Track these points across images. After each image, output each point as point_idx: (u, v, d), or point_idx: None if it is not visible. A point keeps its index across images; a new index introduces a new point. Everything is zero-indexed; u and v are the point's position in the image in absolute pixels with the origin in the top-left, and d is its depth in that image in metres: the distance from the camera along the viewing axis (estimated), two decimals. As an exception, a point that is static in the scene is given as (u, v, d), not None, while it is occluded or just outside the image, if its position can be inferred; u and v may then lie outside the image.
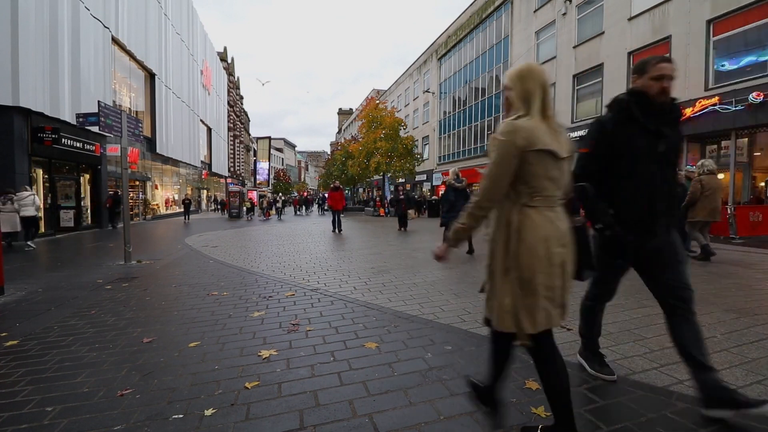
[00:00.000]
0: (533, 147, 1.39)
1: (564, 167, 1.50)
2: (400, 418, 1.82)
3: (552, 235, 1.43)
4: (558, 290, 1.46)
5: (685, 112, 11.44)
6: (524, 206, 1.44)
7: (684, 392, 2.01)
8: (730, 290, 4.13)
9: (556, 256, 1.43)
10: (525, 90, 1.47)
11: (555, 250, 1.43)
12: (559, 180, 1.48)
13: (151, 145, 19.28)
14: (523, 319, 1.44)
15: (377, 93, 45.01)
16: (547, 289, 1.43)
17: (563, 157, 1.46)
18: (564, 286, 1.49)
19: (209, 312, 3.62)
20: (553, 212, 1.47)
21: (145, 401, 2.02)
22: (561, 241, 1.46)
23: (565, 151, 1.48)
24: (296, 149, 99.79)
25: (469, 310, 3.53)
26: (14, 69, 10.01)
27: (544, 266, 1.42)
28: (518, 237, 1.43)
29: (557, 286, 1.46)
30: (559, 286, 1.46)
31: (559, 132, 1.50)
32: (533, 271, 1.42)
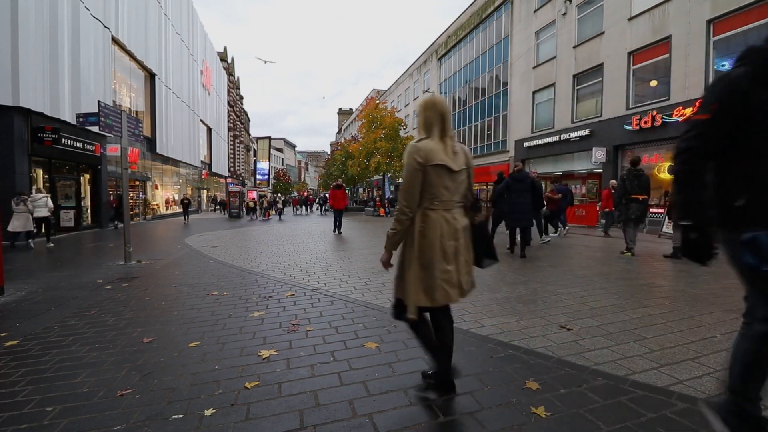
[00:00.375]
0: (430, 162, 1.77)
1: (459, 178, 1.87)
2: (400, 418, 1.82)
3: (446, 232, 1.82)
4: (453, 274, 1.85)
5: (685, 113, 11.45)
6: (426, 209, 1.82)
7: (684, 392, 2.01)
8: (730, 290, 4.13)
9: (450, 248, 1.83)
10: (427, 118, 1.85)
11: (448, 243, 1.83)
12: (455, 188, 1.86)
13: (151, 145, 19.28)
14: (424, 296, 1.81)
15: (377, 93, 45.01)
16: (443, 272, 1.81)
17: (457, 170, 1.84)
18: (458, 271, 1.87)
19: (209, 312, 3.62)
20: (449, 213, 1.85)
21: (145, 401, 2.02)
22: (454, 236, 1.85)
23: (458, 166, 1.85)
24: (296, 149, 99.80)
25: (469, 310, 3.53)
26: (14, 69, 10.01)
27: (439, 256, 1.81)
28: (421, 233, 1.81)
29: (452, 271, 1.84)
30: (453, 271, 1.84)
31: (456, 150, 1.87)
32: (431, 260, 1.81)
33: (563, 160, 17.45)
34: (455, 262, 1.86)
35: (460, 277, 1.88)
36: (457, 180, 1.87)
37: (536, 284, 4.51)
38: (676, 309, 3.46)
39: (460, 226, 1.89)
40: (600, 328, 2.98)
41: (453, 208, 1.88)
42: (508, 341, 2.74)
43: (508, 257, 6.53)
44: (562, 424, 1.75)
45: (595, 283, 4.55)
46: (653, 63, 13.00)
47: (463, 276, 1.90)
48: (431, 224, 1.81)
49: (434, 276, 1.81)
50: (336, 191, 12.19)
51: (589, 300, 3.80)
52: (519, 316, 3.33)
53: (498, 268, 5.54)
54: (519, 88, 20.20)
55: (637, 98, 13.66)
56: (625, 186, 6.65)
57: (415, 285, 1.82)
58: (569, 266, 5.70)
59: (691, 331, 2.89)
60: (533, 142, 18.65)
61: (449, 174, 1.82)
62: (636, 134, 13.23)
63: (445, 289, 1.83)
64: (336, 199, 11.96)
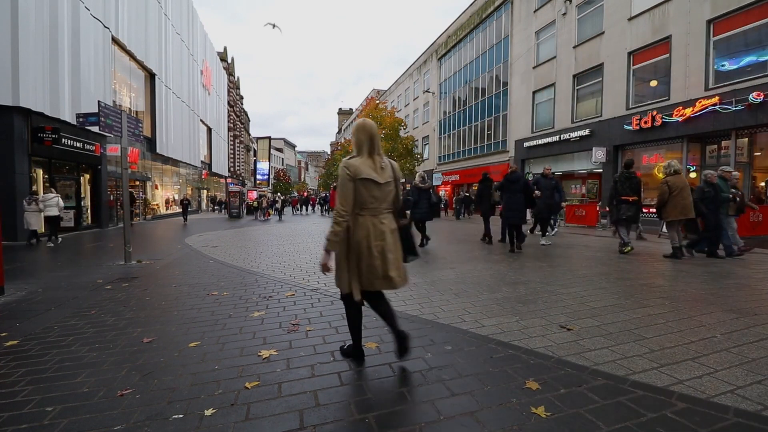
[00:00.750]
0: (358, 176, 2.15)
1: (386, 189, 2.24)
2: (400, 418, 1.82)
3: (372, 233, 2.19)
4: (379, 268, 2.19)
5: (685, 113, 11.45)
6: (357, 215, 2.19)
7: (684, 392, 2.01)
8: (730, 290, 4.13)
9: (376, 247, 2.19)
10: (358, 139, 2.24)
11: (374, 243, 2.18)
12: (382, 197, 2.23)
13: (151, 145, 19.27)
14: (354, 284, 2.21)
15: (377, 93, 45.01)
16: (368, 266, 2.19)
17: (383, 182, 2.21)
18: (385, 265, 2.20)
19: (209, 312, 3.62)
20: (376, 218, 2.21)
21: (145, 401, 2.02)
22: (380, 237, 2.20)
23: (384, 179, 2.22)
24: (296, 149, 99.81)
25: (469, 310, 3.53)
26: (14, 69, 10.01)
27: (366, 253, 2.18)
28: (352, 234, 2.19)
29: (377, 265, 2.19)
30: (379, 265, 2.19)
31: (384, 166, 2.26)
32: (359, 256, 2.19)
33: (563, 160, 17.45)
34: (381, 258, 2.21)
35: (387, 271, 2.22)
36: (384, 190, 2.24)
37: (536, 284, 4.51)
38: (676, 309, 3.46)
39: (387, 229, 2.25)
40: (600, 328, 2.98)
41: (381, 213, 2.24)
42: (508, 341, 2.74)
43: (508, 257, 6.53)
44: (562, 424, 1.75)
45: (595, 283, 4.55)
46: (653, 63, 13.00)
47: (392, 270, 2.23)
48: (359, 227, 2.19)
49: (362, 269, 2.20)
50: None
51: (589, 300, 3.80)
52: (519, 316, 3.33)
53: (498, 268, 5.54)
54: (519, 88, 20.20)
55: (637, 98, 13.66)
56: (616, 187, 6.90)
57: (347, 275, 2.22)
58: (569, 266, 5.70)
59: (691, 331, 2.89)
60: (533, 142, 18.65)
61: (377, 186, 2.19)
62: (636, 134, 13.24)
63: (371, 280, 2.21)
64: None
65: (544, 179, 8.31)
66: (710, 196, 6.29)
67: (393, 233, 2.28)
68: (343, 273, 2.24)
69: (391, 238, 2.26)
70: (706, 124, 11.02)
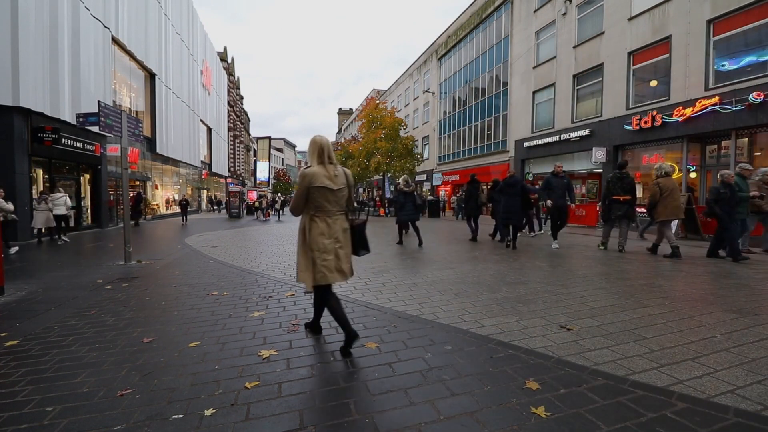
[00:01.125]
0: (313, 184, 2.49)
1: (339, 194, 2.57)
2: (400, 418, 1.82)
3: (325, 233, 2.53)
4: (332, 262, 2.54)
5: (685, 112, 11.45)
6: (312, 216, 2.55)
7: (684, 392, 2.01)
8: (730, 290, 4.13)
9: (329, 245, 2.54)
10: (312, 152, 2.59)
11: (326, 241, 2.53)
12: (335, 201, 2.56)
13: (151, 145, 19.27)
14: (309, 277, 2.53)
15: (377, 93, 45.00)
16: (323, 261, 2.51)
17: (336, 188, 2.54)
18: (338, 260, 2.57)
19: (209, 312, 3.62)
20: (330, 219, 2.55)
21: (145, 401, 2.02)
22: (333, 236, 2.56)
23: (337, 185, 2.55)
24: (296, 149, 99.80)
25: (469, 310, 3.53)
26: (14, 69, 10.00)
27: (320, 250, 2.52)
28: (308, 233, 2.55)
29: (330, 260, 2.53)
30: (332, 260, 2.54)
31: (337, 174, 2.57)
32: (314, 252, 2.52)
33: (563, 160, 17.42)
34: (334, 254, 2.55)
35: (340, 265, 2.59)
36: (338, 195, 2.57)
37: (536, 284, 4.50)
38: (676, 309, 3.46)
39: (340, 228, 2.60)
40: (600, 328, 2.98)
41: (334, 215, 2.58)
42: (508, 341, 2.74)
43: (508, 258, 6.53)
44: (562, 424, 1.75)
45: (595, 283, 4.55)
46: (653, 63, 13.00)
47: (344, 264, 2.62)
48: (314, 227, 2.54)
49: (316, 263, 2.52)
50: None
51: (589, 300, 3.80)
52: (519, 316, 3.33)
53: (498, 268, 5.54)
54: (519, 88, 20.20)
55: (637, 98, 13.66)
56: (608, 187, 7.17)
57: (303, 269, 2.57)
58: (569, 266, 5.70)
59: (691, 331, 2.89)
60: (533, 142, 18.65)
61: (330, 192, 2.53)
62: (636, 134, 13.23)
63: (324, 273, 2.52)
64: None
65: (555, 178, 7.62)
66: (726, 197, 6.07)
67: (345, 232, 2.66)
68: (300, 268, 2.59)
69: (343, 236, 2.64)
70: (706, 124, 11.02)
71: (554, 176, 7.66)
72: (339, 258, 2.57)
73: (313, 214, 2.55)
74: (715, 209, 6.14)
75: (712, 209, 6.20)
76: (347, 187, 2.65)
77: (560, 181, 7.58)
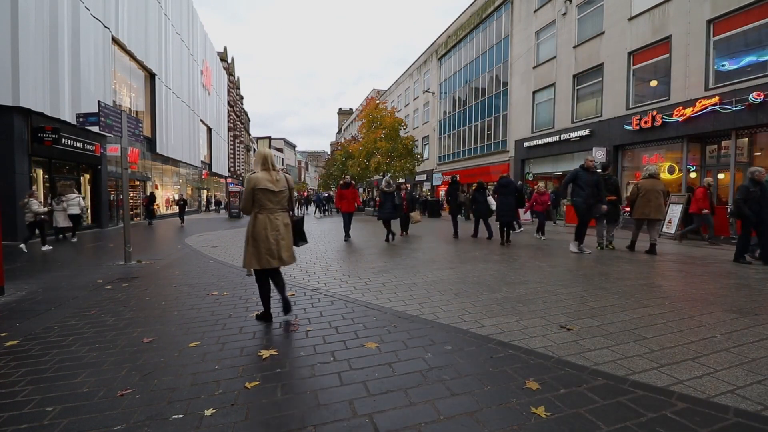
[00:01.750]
0: (257, 187, 3.03)
1: (280, 195, 3.14)
2: (400, 418, 1.82)
3: (267, 226, 3.06)
4: (274, 251, 3.08)
5: (685, 112, 11.44)
6: (256, 213, 3.09)
7: (684, 392, 2.01)
8: (730, 290, 4.13)
9: (271, 236, 3.07)
10: (257, 160, 3.15)
11: (269, 233, 3.06)
12: (277, 201, 3.13)
13: (151, 145, 19.27)
14: (254, 263, 3.08)
15: (377, 93, 44.99)
16: (266, 250, 3.06)
17: (277, 190, 3.09)
18: (278, 250, 3.10)
19: (209, 312, 3.62)
20: (272, 215, 3.10)
21: (145, 401, 2.02)
22: (275, 229, 3.09)
23: (278, 188, 3.10)
24: (296, 149, 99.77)
25: (469, 310, 3.53)
26: (14, 69, 10.01)
27: (263, 240, 3.06)
28: (252, 226, 3.08)
29: (273, 249, 3.08)
30: (274, 249, 3.08)
31: (279, 178, 3.12)
32: (258, 242, 3.06)
33: (563, 160, 17.44)
34: (276, 244, 3.09)
35: (280, 253, 3.11)
36: (279, 196, 3.13)
37: (536, 284, 4.50)
38: (676, 309, 3.46)
39: (281, 223, 3.14)
40: (600, 328, 2.98)
41: (276, 212, 3.13)
42: (508, 341, 2.74)
43: (508, 257, 6.53)
44: (562, 424, 1.75)
45: (595, 283, 4.55)
46: (653, 63, 12.99)
47: (284, 253, 3.14)
48: (259, 222, 3.08)
49: (260, 251, 3.06)
50: (344, 190, 9.95)
51: (589, 300, 3.80)
52: (519, 316, 3.33)
53: (498, 268, 5.54)
54: (519, 88, 20.20)
55: (637, 98, 13.66)
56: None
57: (249, 256, 3.09)
58: (569, 266, 5.70)
59: (691, 331, 2.89)
60: (533, 142, 18.64)
61: (272, 193, 3.08)
62: (636, 134, 13.23)
63: (267, 259, 3.07)
64: (344, 199, 9.81)
65: (586, 173, 6.66)
66: (756, 196, 5.67)
67: (286, 226, 3.19)
68: (246, 255, 3.10)
69: (284, 229, 3.16)
70: (706, 124, 11.01)
71: (584, 170, 6.65)
72: (279, 247, 3.10)
73: (257, 212, 3.09)
74: (744, 210, 5.71)
75: (740, 209, 5.75)
76: (288, 189, 3.20)
77: (591, 178, 6.58)
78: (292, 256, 3.25)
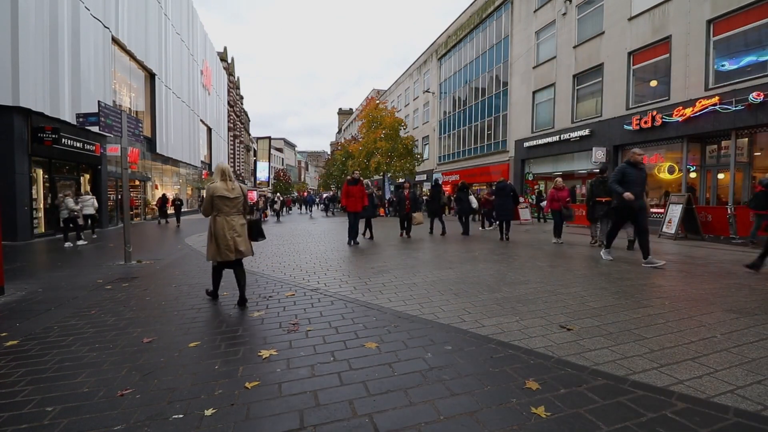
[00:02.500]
0: (215, 194, 3.66)
1: (235, 201, 3.75)
2: (400, 418, 1.82)
3: (225, 226, 3.68)
4: (231, 246, 3.69)
5: (685, 112, 11.45)
6: (215, 216, 3.72)
7: (684, 392, 2.01)
8: (730, 290, 4.13)
9: (228, 235, 3.68)
10: (217, 173, 3.79)
11: (226, 232, 3.68)
12: (233, 206, 3.75)
13: (151, 145, 19.27)
14: (216, 256, 3.73)
15: (377, 93, 44.98)
16: (225, 246, 3.68)
17: (233, 197, 3.72)
18: (235, 245, 3.72)
19: (209, 312, 3.62)
20: (229, 218, 3.72)
21: (145, 401, 2.02)
22: (232, 228, 3.71)
23: (234, 195, 3.73)
24: (296, 149, 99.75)
25: (469, 310, 3.53)
26: (14, 69, 10.01)
27: (222, 238, 3.68)
28: (213, 227, 3.72)
29: (230, 245, 3.69)
30: (231, 245, 3.69)
31: (234, 187, 3.77)
32: (218, 239, 3.69)
33: (563, 160, 17.45)
34: (233, 241, 3.72)
35: (237, 247, 3.74)
36: (234, 202, 3.76)
37: (536, 284, 4.50)
38: (676, 309, 3.46)
39: (237, 224, 3.78)
40: (600, 328, 2.98)
41: (231, 215, 3.76)
42: (508, 341, 2.74)
43: (508, 257, 6.53)
44: (562, 424, 1.75)
45: (595, 283, 4.55)
46: (653, 63, 13.00)
47: (241, 246, 3.77)
48: (218, 223, 3.72)
49: (221, 247, 3.71)
50: (352, 187, 8.72)
51: (589, 300, 3.80)
52: (519, 316, 3.33)
53: (498, 268, 5.54)
54: (519, 88, 20.20)
55: (637, 98, 13.66)
56: (592, 190, 7.74)
57: (211, 250, 3.76)
58: (569, 266, 5.70)
59: (691, 331, 2.89)
60: (533, 142, 18.64)
61: (228, 199, 3.72)
62: (636, 134, 13.23)
63: (226, 252, 3.71)
64: (351, 197, 8.66)
65: (633, 169, 5.78)
66: None
67: (242, 226, 3.84)
68: (209, 250, 3.78)
69: (240, 228, 3.80)
70: (706, 124, 11.02)
71: (631, 166, 5.87)
72: (236, 243, 3.73)
73: (216, 215, 3.73)
74: None
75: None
76: (242, 196, 3.85)
77: (639, 174, 5.84)
78: (249, 249, 3.88)
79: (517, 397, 1.97)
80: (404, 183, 11.59)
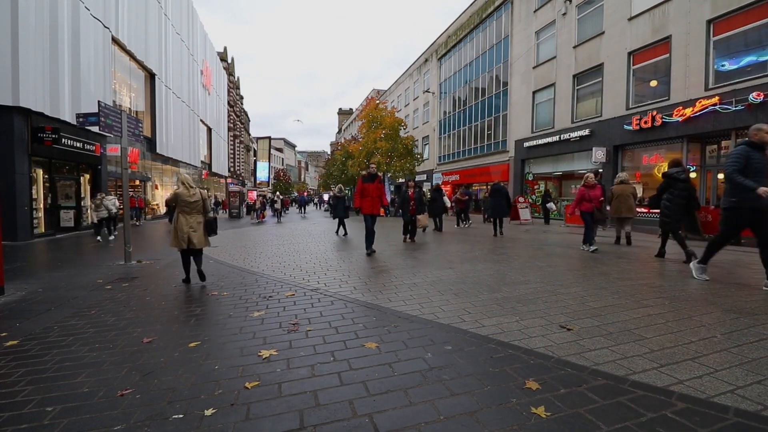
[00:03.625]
0: (179, 198, 4.80)
1: (196, 204, 4.85)
2: (400, 418, 1.82)
3: (184, 223, 4.78)
4: (185, 237, 4.74)
5: (685, 112, 11.45)
6: (179, 213, 4.81)
7: (684, 392, 2.01)
8: (730, 290, 4.13)
9: (184, 228, 4.76)
10: (180, 182, 4.94)
11: (184, 227, 4.77)
12: (193, 207, 4.83)
13: (151, 145, 19.27)
14: (175, 244, 4.81)
15: (377, 93, 44.98)
16: (180, 237, 4.75)
17: (193, 201, 4.83)
18: (189, 237, 4.75)
19: (209, 312, 3.62)
20: (189, 216, 4.82)
21: (145, 401, 2.02)
22: (189, 225, 4.79)
23: (194, 199, 4.84)
24: (296, 149, 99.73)
25: (469, 310, 3.53)
26: (14, 69, 10.01)
27: (180, 230, 4.76)
28: (176, 222, 4.81)
29: (185, 237, 4.74)
30: (185, 237, 4.75)
31: (194, 193, 4.89)
32: (177, 231, 4.78)
33: (563, 160, 17.45)
34: (188, 234, 4.72)
35: (191, 239, 4.72)
36: (195, 204, 4.81)
37: (536, 284, 4.51)
38: (676, 309, 3.46)
39: (195, 221, 4.80)
40: (600, 328, 2.98)
41: (191, 214, 4.79)
42: (508, 341, 2.74)
43: (508, 257, 6.54)
44: (562, 424, 1.75)
45: (595, 283, 4.55)
46: (653, 63, 13.00)
47: (194, 239, 4.75)
48: (179, 219, 4.75)
49: (179, 237, 4.71)
50: (368, 184, 7.17)
51: (589, 300, 3.80)
52: (519, 316, 3.33)
53: (498, 268, 5.54)
54: (519, 88, 20.20)
55: (637, 98, 13.66)
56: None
57: (174, 239, 4.78)
58: (569, 266, 5.70)
59: (691, 331, 2.89)
60: (533, 142, 18.65)
61: (188, 202, 4.77)
62: (636, 134, 13.23)
63: (180, 243, 4.72)
64: (367, 197, 7.13)
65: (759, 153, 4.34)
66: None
67: (199, 224, 4.84)
68: (172, 239, 4.80)
69: (196, 225, 4.81)
70: (706, 124, 11.02)
71: (754, 148, 4.32)
72: (191, 236, 4.72)
73: (179, 213, 4.76)
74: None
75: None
76: (201, 200, 4.86)
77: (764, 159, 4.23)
78: (202, 242, 4.86)
79: (517, 397, 1.97)
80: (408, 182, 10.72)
